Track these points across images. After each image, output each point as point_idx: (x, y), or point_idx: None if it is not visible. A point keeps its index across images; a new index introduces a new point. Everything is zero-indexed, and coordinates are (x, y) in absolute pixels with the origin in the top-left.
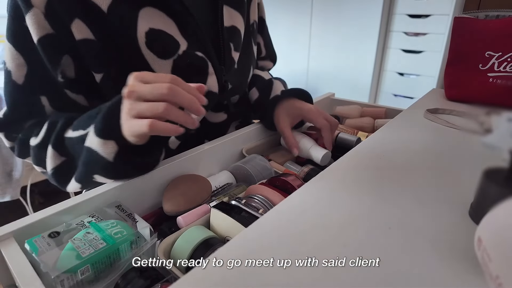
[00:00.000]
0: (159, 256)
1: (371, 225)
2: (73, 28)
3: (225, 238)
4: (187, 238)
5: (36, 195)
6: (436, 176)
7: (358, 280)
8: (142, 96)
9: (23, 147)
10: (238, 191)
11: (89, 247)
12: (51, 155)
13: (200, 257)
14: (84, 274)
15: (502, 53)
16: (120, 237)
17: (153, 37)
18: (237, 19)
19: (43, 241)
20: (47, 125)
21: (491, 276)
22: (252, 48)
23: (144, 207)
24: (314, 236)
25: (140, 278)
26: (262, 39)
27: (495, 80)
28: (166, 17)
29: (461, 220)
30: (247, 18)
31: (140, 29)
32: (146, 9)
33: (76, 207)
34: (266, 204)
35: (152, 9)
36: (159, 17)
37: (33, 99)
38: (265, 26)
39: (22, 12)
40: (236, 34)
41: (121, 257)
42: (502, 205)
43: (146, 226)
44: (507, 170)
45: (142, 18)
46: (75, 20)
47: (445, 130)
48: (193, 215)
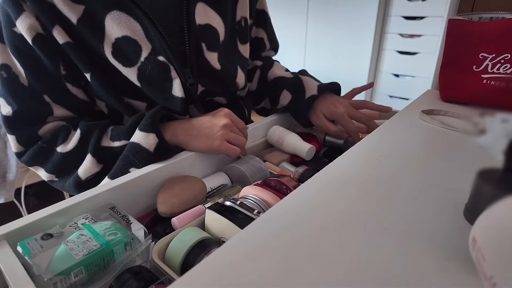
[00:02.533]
0: (153, 258)
1: (367, 225)
2: (55, 34)
3: (220, 239)
4: (182, 240)
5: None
6: (430, 177)
7: (354, 280)
8: (234, 130)
9: (41, 154)
10: (233, 192)
11: (82, 249)
12: (90, 163)
13: (195, 258)
14: (77, 276)
15: (496, 54)
16: (114, 239)
17: (118, 47)
18: (214, 18)
19: (35, 244)
20: (80, 133)
21: (486, 276)
22: (237, 47)
23: (139, 208)
24: (310, 237)
25: (134, 280)
26: (266, 33)
27: (489, 82)
28: (132, 21)
29: (456, 221)
30: (233, 15)
31: (107, 40)
32: (114, 14)
33: (70, 209)
34: (261, 205)
35: (119, 13)
36: (125, 21)
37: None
38: (268, 18)
39: (12, 19)
40: (212, 33)
41: (115, 259)
42: (496, 206)
43: (140, 228)
44: (501, 170)
45: (108, 26)
46: (55, 26)
47: (439, 131)
48: (188, 217)
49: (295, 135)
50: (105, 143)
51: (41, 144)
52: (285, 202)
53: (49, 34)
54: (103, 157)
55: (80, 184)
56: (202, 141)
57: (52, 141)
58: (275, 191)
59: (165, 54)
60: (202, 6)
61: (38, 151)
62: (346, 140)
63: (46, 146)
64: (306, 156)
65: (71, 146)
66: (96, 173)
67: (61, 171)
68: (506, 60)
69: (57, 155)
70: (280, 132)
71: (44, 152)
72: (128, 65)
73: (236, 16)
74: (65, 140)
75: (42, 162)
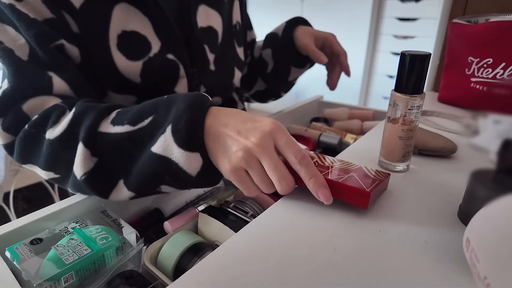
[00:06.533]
0: (145, 262)
1: (362, 228)
2: None
3: (213, 242)
4: (174, 243)
5: (19, 201)
6: (424, 177)
7: (349, 282)
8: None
9: (30, 143)
10: (227, 195)
11: (73, 254)
12: (83, 156)
13: (187, 262)
14: (68, 281)
15: (480, 59)
16: (105, 243)
17: (125, 39)
18: (215, 19)
19: (24, 248)
20: (73, 114)
21: (479, 277)
22: (235, 49)
23: (130, 212)
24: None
25: (126, 285)
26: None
27: (476, 85)
28: (141, 15)
29: (450, 221)
30: (229, 18)
31: (112, 31)
32: (122, 6)
33: (60, 213)
34: (255, 207)
35: (127, 6)
36: (134, 15)
37: (41, 73)
38: None
39: None
40: (213, 35)
41: (107, 264)
42: (489, 206)
43: (132, 232)
44: (494, 171)
45: (116, 18)
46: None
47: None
48: (181, 220)
49: None
50: (103, 127)
51: (28, 129)
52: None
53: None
54: (98, 148)
55: (78, 186)
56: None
57: (42, 124)
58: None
59: (175, 52)
60: (203, 8)
61: (25, 138)
62: (340, 140)
63: (35, 132)
64: None
65: (59, 130)
66: (94, 168)
67: (56, 166)
68: (489, 64)
69: (46, 144)
70: None
71: (33, 140)
72: (133, 59)
73: (232, 19)
74: (55, 122)
75: (33, 155)
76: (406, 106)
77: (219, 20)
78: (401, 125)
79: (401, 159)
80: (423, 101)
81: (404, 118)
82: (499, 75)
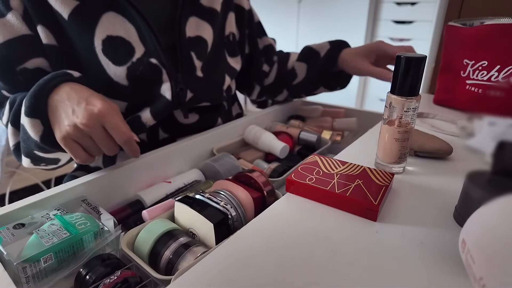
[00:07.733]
0: (122, 247)
1: (358, 229)
2: (39, 32)
3: (188, 230)
4: (150, 230)
5: None
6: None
7: (346, 283)
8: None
9: None
10: (205, 187)
11: (52, 237)
12: (11, 133)
13: (162, 247)
14: (47, 262)
15: (475, 61)
16: (84, 228)
17: (110, 44)
18: (205, 30)
19: (7, 232)
20: (9, 103)
21: (475, 278)
22: (225, 59)
23: (113, 203)
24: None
25: (101, 266)
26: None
27: (471, 88)
28: (127, 23)
29: (446, 223)
30: (221, 30)
31: (98, 36)
32: (109, 15)
33: (44, 202)
34: (229, 197)
35: (114, 14)
36: (120, 23)
37: None
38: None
39: None
40: (201, 43)
41: (85, 247)
42: (484, 208)
43: (110, 218)
44: (489, 173)
45: (102, 25)
46: (39, 26)
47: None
48: (158, 209)
49: (270, 134)
50: None
51: None
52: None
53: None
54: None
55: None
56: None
57: None
58: (244, 185)
59: (158, 57)
60: (194, 20)
61: None
62: (318, 137)
63: None
64: (280, 154)
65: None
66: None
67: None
68: (484, 67)
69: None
70: (256, 131)
71: None
72: (118, 64)
73: (225, 30)
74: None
75: None
76: (402, 108)
77: (209, 31)
78: (397, 127)
79: (397, 161)
80: (419, 103)
81: (400, 120)
82: (494, 78)
